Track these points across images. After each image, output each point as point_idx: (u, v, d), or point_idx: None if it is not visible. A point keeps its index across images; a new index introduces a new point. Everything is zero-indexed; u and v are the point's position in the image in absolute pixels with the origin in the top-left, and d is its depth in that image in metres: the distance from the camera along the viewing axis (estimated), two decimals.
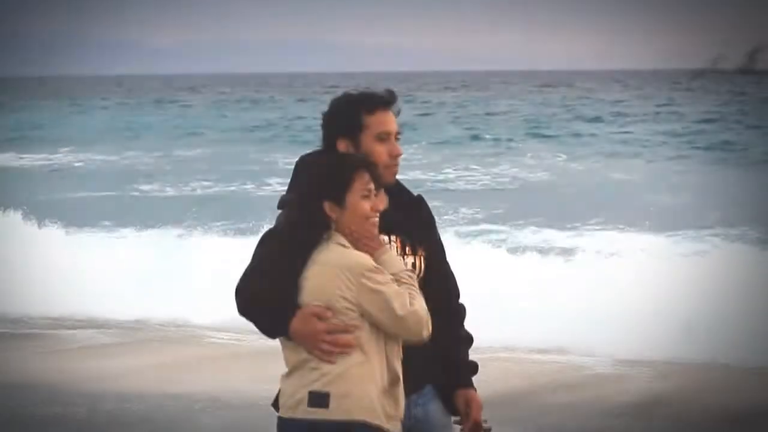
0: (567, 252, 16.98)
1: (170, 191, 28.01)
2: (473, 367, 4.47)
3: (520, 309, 12.16)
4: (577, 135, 44.27)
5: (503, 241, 18.57)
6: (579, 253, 16.73)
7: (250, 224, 20.19)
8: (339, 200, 4.02)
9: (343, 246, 4.02)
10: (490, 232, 19.43)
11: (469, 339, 4.49)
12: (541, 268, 15.28)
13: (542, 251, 17.16)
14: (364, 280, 3.96)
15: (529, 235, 19.12)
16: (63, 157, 39.64)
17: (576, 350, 11.10)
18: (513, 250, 17.29)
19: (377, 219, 4.08)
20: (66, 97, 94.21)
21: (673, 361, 10.65)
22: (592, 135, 44.27)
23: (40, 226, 19.10)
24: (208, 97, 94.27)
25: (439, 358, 4.33)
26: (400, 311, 3.98)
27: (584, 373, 10.43)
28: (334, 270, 3.97)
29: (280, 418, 4.07)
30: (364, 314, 3.98)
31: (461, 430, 4.43)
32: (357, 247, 4.05)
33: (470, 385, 4.44)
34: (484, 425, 4.42)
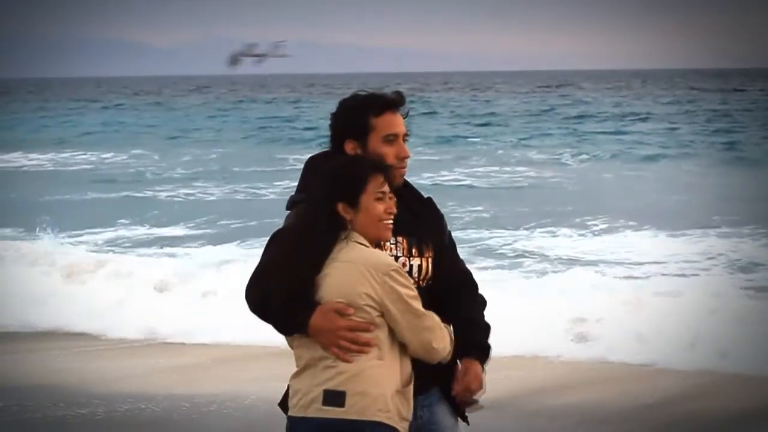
0: (570, 252, 16.98)
1: (178, 192, 27.99)
2: (484, 347, 4.36)
3: (521, 309, 12.03)
4: (582, 134, 44.18)
5: (507, 241, 18.50)
6: (582, 253, 16.74)
7: (258, 225, 20.27)
8: (353, 202, 4.03)
9: (364, 245, 4.04)
10: (496, 233, 19.34)
11: (486, 325, 4.41)
12: (543, 268, 15.27)
13: (546, 251, 17.14)
14: (388, 279, 3.97)
15: (534, 235, 18.99)
16: (69, 158, 39.67)
17: (575, 353, 10.92)
18: (516, 250, 17.27)
19: (391, 222, 4.09)
20: (69, 98, 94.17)
21: (670, 368, 10.37)
22: (598, 134, 44.20)
23: (46, 229, 19.13)
24: (210, 97, 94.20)
25: (448, 362, 4.19)
26: (420, 311, 4.00)
27: (575, 376, 10.31)
28: (358, 267, 3.97)
29: (290, 418, 4.06)
30: (384, 313, 3.99)
31: (452, 390, 4.30)
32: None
33: (476, 358, 4.32)
34: (476, 397, 4.30)
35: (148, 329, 11.86)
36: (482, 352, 4.35)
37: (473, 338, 4.33)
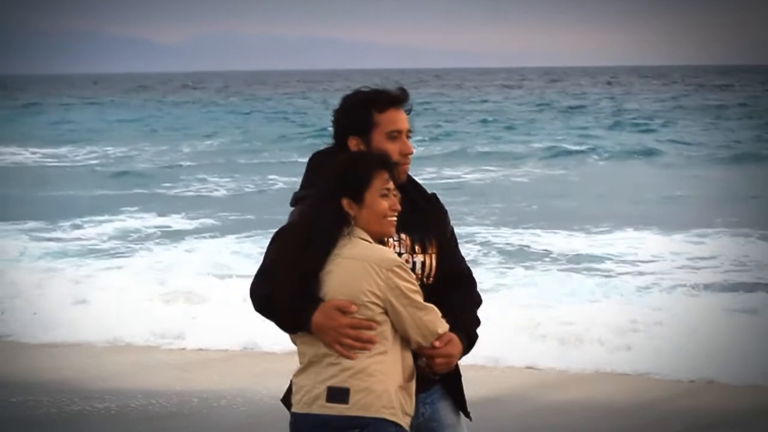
0: (574, 253, 16.97)
1: (184, 189, 28.01)
2: (471, 337, 4.28)
3: (521, 311, 11.99)
4: (580, 130, 44.15)
5: (505, 237, 18.48)
6: (585, 255, 16.74)
7: (261, 220, 20.34)
8: (358, 198, 4.05)
9: (367, 241, 4.08)
10: (497, 232, 19.32)
11: (477, 319, 4.38)
12: (543, 270, 15.30)
13: (547, 252, 17.13)
14: (392, 275, 4.01)
15: (535, 236, 18.91)
16: (69, 153, 39.71)
17: (573, 352, 10.83)
18: (516, 250, 17.26)
19: (395, 218, 4.12)
20: (67, 95, 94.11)
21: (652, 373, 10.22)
22: (597, 130, 44.16)
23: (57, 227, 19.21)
24: (213, 94, 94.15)
25: None
26: (422, 304, 4.05)
27: (571, 375, 10.33)
28: (362, 264, 4.00)
29: (293, 414, 4.08)
30: (388, 309, 4.02)
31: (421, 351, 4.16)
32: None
33: (457, 332, 4.20)
34: (434, 372, 4.17)
35: (153, 329, 11.87)
36: (468, 338, 4.27)
37: (463, 323, 4.25)
